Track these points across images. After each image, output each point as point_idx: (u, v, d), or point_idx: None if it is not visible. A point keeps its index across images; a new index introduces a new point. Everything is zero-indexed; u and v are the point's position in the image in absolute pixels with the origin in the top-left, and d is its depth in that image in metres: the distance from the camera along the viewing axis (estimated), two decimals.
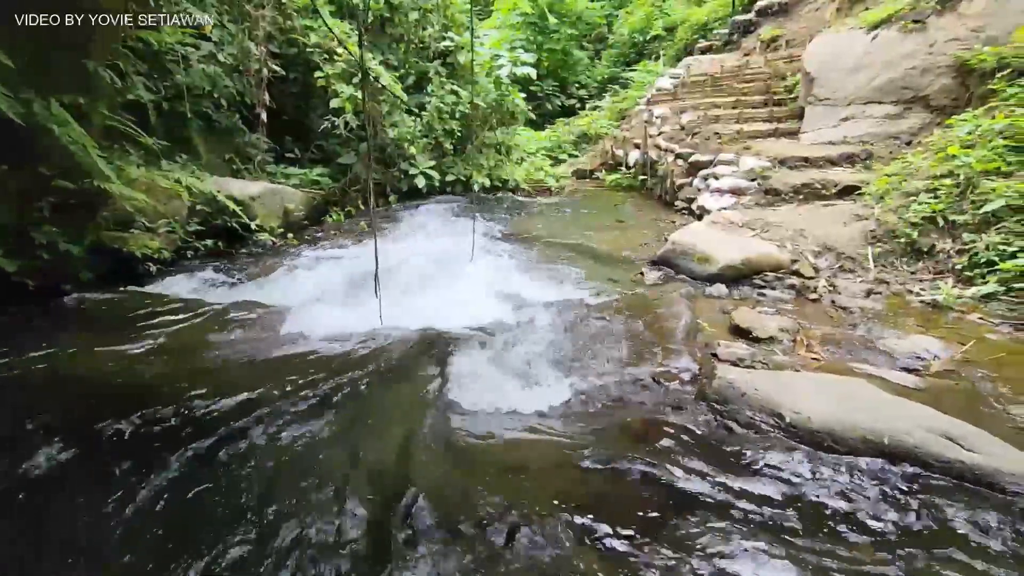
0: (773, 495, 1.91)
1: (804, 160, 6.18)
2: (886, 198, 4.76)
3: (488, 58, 8.88)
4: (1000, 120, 4.41)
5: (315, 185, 7.12)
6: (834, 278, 4.16)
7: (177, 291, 4.25)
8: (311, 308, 3.81)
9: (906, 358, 2.94)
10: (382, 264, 3.38)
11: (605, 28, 17.51)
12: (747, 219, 5.29)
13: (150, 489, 1.91)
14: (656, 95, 9.96)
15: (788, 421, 2.23)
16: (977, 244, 3.81)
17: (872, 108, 6.44)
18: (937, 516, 1.79)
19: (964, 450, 1.94)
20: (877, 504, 1.85)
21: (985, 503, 1.83)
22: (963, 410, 2.28)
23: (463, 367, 2.91)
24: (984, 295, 3.53)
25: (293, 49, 7.24)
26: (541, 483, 2.00)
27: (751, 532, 1.73)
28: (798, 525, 1.77)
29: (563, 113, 14.74)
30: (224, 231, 5.37)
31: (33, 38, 3.39)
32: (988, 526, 1.73)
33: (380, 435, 2.33)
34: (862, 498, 1.88)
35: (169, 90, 5.58)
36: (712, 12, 13.78)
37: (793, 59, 8.93)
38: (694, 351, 3.01)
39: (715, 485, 1.96)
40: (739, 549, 1.66)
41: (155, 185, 4.49)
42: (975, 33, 5.67)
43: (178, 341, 3.20)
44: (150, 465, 2.02)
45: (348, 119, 7.02)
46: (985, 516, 1.77)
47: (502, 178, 8.87)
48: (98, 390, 2.60)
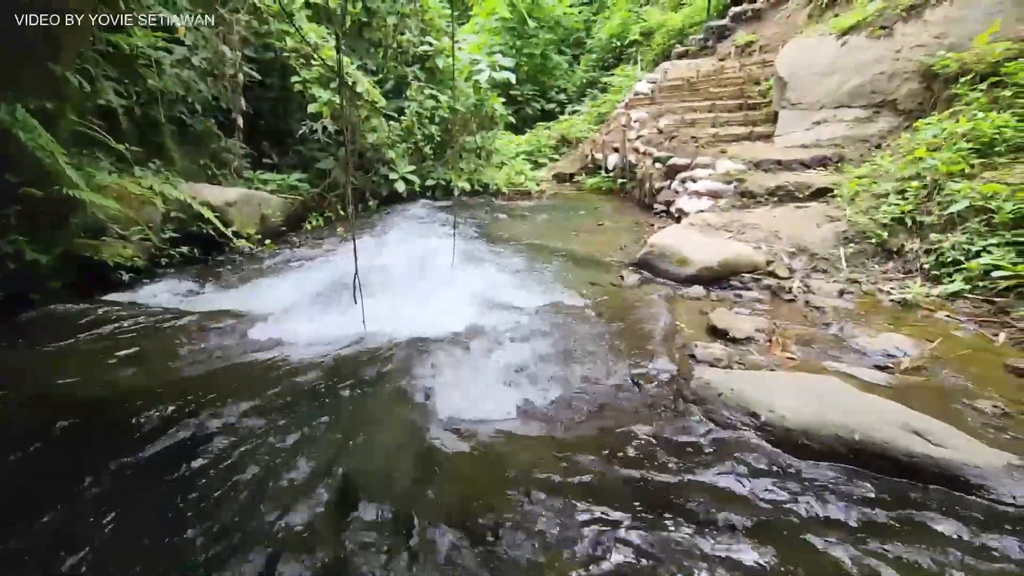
0: (747, 494, 1.94)
1: (778, 163, 6.31)
2: (857, 200, 4.88)
3: (467, 63, 8.90)
4: (963, 124, 4.56)
5: (293, 190, 7.05)
6: (808, 278, 4.25)
7: (151, 300, 4.17)
8: (289, 315, 3.77)
9: (877, 356, 3.02)
10: (362, 270, 3.36)
11: (583, 33, 17.67)
12: (724, 221, 5.38)
13: (118, 505, 1.87)
14: (634, 99, 10.09)
15: (763, 420, 2.27)
16: (943, 244, 3.93)
17: (843, 112, 6.60)
18: (904, 510, 1.83)
19: (931, 445, 2.00)
20: (847, 500, 1.89)
21: (951, 496, 1.88)
22: (931, 406, 2.35)
23: (444, 372, 2.90)
24: (951, 293, 3.64)
25: (270, 54, 7.18)
26: (521, 487, 2.00)
27: (724, 531, 1.76)
28: (769, 522, 1.80)
29: (543, 117, 14.83)
30: (200, 238, 5.28)
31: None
32: (953, 518, 1.78)
33: (359, 443, 2.31)
34: (832, 495, 1.92)
35: (141, 95, 5.48)
36: (688, 18, 14.00)
37: (767, 64, 9.12)
38: (672, 352, 3.04)
39: (691, 485, 1.98)
40: (711, 548, 1.68)
41: (127, 192, 4.40)
42: (938, 39, 5.86)
43: (151, 351, 3.13)
44: (117, 480, 1.98)
45: (326, 124, 6.97)
46: (950, 509, 1.82)
47: (482, 182, 8.89)
48: (65, 402, 2.54)
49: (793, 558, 1.65)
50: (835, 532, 1.76)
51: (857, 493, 1.92)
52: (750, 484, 1.99)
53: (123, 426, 2.30)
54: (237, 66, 6.38)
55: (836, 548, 1.68)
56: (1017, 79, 4.54)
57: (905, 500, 1.89)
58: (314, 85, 6.79)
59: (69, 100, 4.04)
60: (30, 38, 3.47)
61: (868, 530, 1.77)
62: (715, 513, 1.84)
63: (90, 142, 4.53)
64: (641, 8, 16.12)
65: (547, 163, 11.43)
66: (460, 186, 8.54)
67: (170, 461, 2.10)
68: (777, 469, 2.08)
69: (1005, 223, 3.67)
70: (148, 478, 2.02)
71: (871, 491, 1.93)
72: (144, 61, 5.44)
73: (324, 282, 4.51)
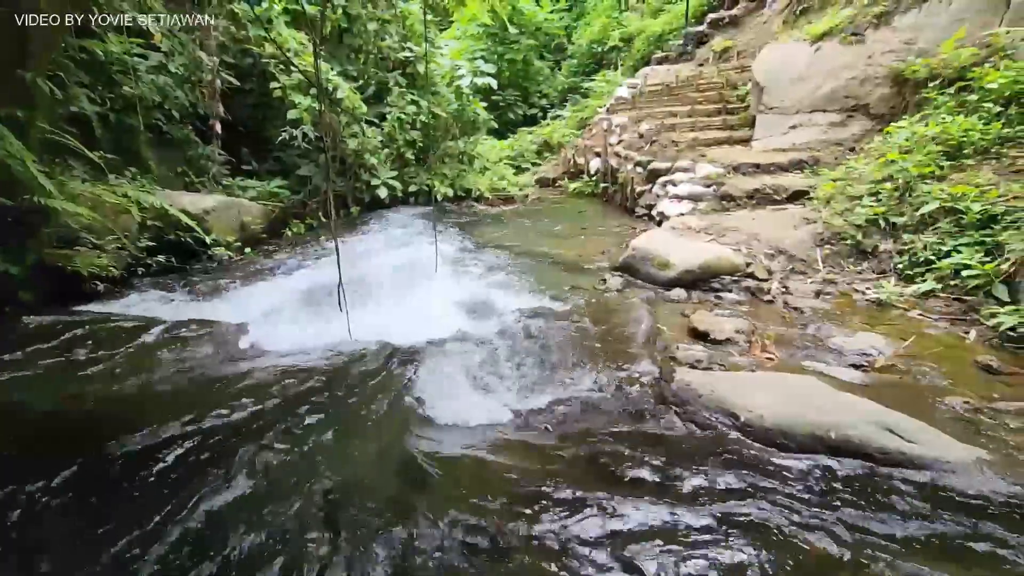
0: (727, 494, 1.97)
1: (756, 166, 6.41)
2: (832, 202, 4.98)
3: (448, 68, 8.90)
4: (933, 127, 4.69)
5: (274, 197, 6.97)
6: (786, 279, 4.32)
7: (128, 310, 4.10)
8: (270, 323, 3.73)
9: (853, 355, 3.08)
10: (345, 277, 3.33)
11: (564, 39, 17.80)
12: (704, 224, 5.44)
13: (94, 519, 1.83)
14: (615, 104, 10.18)
15: (743, 420, 2.30)
16: (916, 244, 4.03)
17: (818, 116, 6.74)
18: (878, 503, 1.88)
19: (904, 441, 2.05)
20: (822, 495, 1.93)
21: (923, 490, 1.93)
22: (904, 403, 2.40)
23: (428, 379, 2.89)
24: (923, 292, 3.73)
25: (249, 59, 7.11)
26: (503, 491, 2.00)
27: (704, 532, 1.78)
28: (747, 521, 1.82)
29: (525, 122, 14.87)
30: (177, 246, 5.20)
31: None
32: (923, 511, 1.83)
33: (343, 453, 2.29)
34: (809, 492, 1.95)
35: (116, 102, 5.39)
36: (667, 24, 14.17)
37: (744, 69, 9.27)
38: (654, 355, 3.07)
39: (672, 486, 2.01)
40: (690, 547, 1.70)
41: (101, 200, 4.32)
42: (908, 45, 6.03)
43: (128, 362, 3.07)
44: (93, 494, 1.94)
45: (306, 130, 6.92)
46: (921, 502, 1.87)
47: (465, 187, 8.89)
48: (39, 416, 2.48)
49: (772, 547, 1.68)
50: (811, 524, 1.79)
51: (833, 488, 1.96)
52: (731, 483, 2.02)
53: (86, 439, 2.24)
54: (215, 72, 6.31)
55: (813, 537, 1.72)
56: (982, 83, 4.68)
57: (878, 494, 1.93)
58: (294, 91, 6.74)
59: (40, 107, 3.96)
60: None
61: (842, 522, 1.80)
62: (696, 509, 1.86)
63: (63, 150, 4.43)
64: (621, 14, 16.29)
65: (530, 168, 11.46)
66: (443, 191, 8.53)
67: (139, 475, 2.05)
68: (756, 468, 2.10)
69: (973, 223, 3.78)
70: (113, 494, 1.97)
71: (846, 486, 1.97)
72: (119, 67, 5.36)
73: (306, 290, 4.47)
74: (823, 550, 1.68)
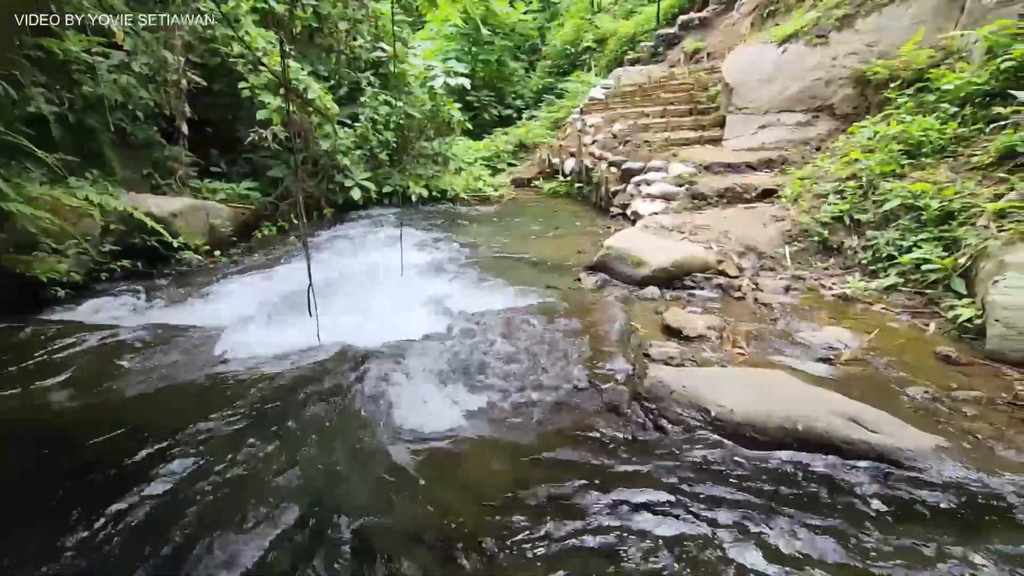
0: (698, 488, 1.99)
1: (727, 166, 6.53)
2: (799, 200, 5.10)
3: (422, 68, 8.85)
4: (894, 127, 4.84)
5: (244, 200, 6.83)
6: (757, 276, 4.41)
7: (90, 317, 3.97)
8: (240, 329, 3.65)
9: (820, 348, 3.15)
10: (317, 280, 3.28)
11: (538, 39, 17.87)
12: (676, 223, 5.52)
13: (59, 533, 1.76)
14: (589, 105, 10.27)
15: (713, 415, 2.34)
16: (879, 240, 4.15)
17: (785, 116, 6.90)
18: (841, 489, 1.93)
19: (868, 431, 2.10)
20: (789, 483, 1.97)
21: (885, 477, 1.99)
22: (868, 394, 2.47)
23: (402, 382, 2.86)
24: (887, 287, 3.84)
25: (216, 59, 6.95)
26: (475, 492, 2.00)
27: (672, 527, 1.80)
28: (716, 516, 1.85)
29: (500, 123, 14.88)
30: (143, 250, 5.06)
31: None
32: (885, 495, 1.89)
33: (316, 460, 2.25)
34: (777, 484, 1.99)
35: (76, 102, 5.22)
36: (639, 25, 14.36)
37: (714, 70, 9.44)
38: (628, 353, 3.09)
39: (645, 483, 2.02)
40: (664, 541, 1.72)
41: (61, 204, 4.18)
42: (870, 47, 6.21)
43: (90, 371, 2.97)
44: (54, 508, 1.87)
45: (276, 131, 6.80)
46: (882, 488, 1.92)
47: (440, 188, 8.85)
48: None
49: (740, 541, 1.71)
50: (778, 516, 1.83)
51: (799, 477, 2.01)
52: (700, 477, 2.05)
53: (54, 454, 2.17)
54: (181, 71, 6.15)
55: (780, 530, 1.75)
56: (939, 84, 4.84)
57: (842, 481, 1.98)
58: (263, 91, 6.61)
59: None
60: None
61: (809, 507, 1.86)
62: (665, 505, 1.88)
63: (19, 152, 4.27)
64: (594, 15, 16.43)
65: (505, 168, 11.47)
66: (418, 192, 8.48)
67: (103, 488, 1.99)
68: (727, 460, 2.14)
69: (932, 219, 3.91)
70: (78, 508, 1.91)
71: (812, 475, 2.02)
72: (79, 67, 5.18)
73: (276, 293, 4.39)
74: (789, 542, 1.72)
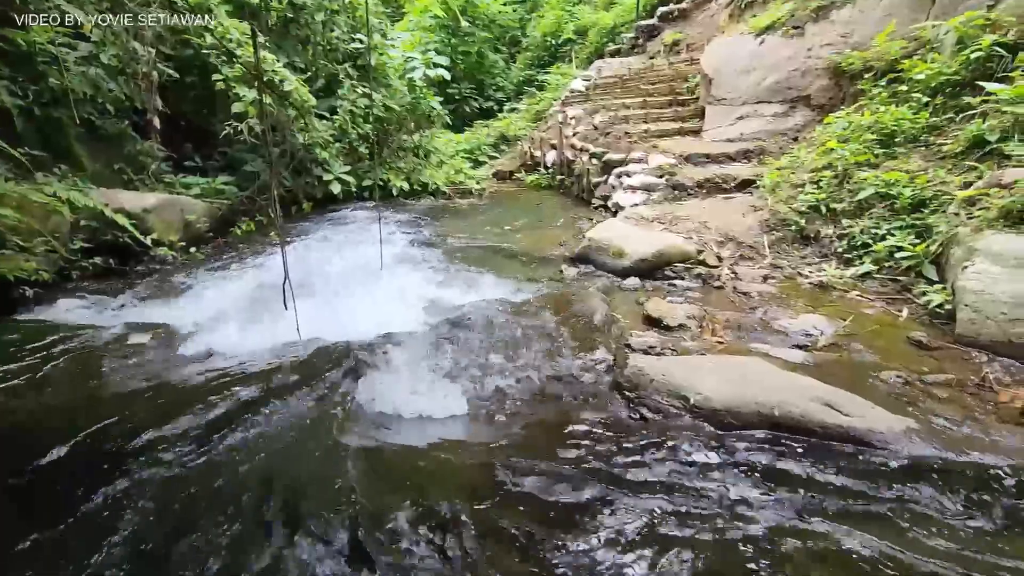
0: (677, 475, 2.02)
1: (706, 156, 6.58)
2: (777, 190, 5.16)
3: (401, 60, 8.75)
4: (868, 117, 4.92)
5: (220, 195, 6.70)
6: (736, 266, 4.46)
7: (60, 317, 3.86)
8: (218, 326, 3.59)
9: (797, 336, 3.21)
10: (296, 274, 3.23)
11: (519, 31, 17.76)
12: (657, 214, 5.56)
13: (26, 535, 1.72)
14: (570, 97, 10.24)
15: (692, 403, 2.36)
16: (854, 229, 4.22)
17: (763, 107, 6.97)
18: (816, 471, 1.97)
19: (842, 415, 2.15)
20: (768, 471, 2.01)
21: (858, 459, 2.03)
22: (843, 379, 2.52)
23: (379, 374, 2.85)
24: (862, 274, 3.91)
25: (189, 50, 6.78)
26: (457, 484, 2.00)
27: (655, 513, 1.82)
28: (696, 502, 1.88)
29: (482, 115, 14.80)
30: (116, 248, 4.93)
31: None
32: (856, 475, 1.94)
33: (295, 453, 2.23)
34: (753, 468, 2.03)
35: (43, 94, 5.05)
36: (619, 17, 14.34)
37: (693, 62, 9.49)
38: (609, 343, 3.11)
39: (624, 470, 2.04)
40: (642, 529, 1.74)
41: (27, 200, 4.05)
42: (844, 39, 6.29)
43: (61, 372, 2.90)
44: (28, 512, 1.82)
45: (252, 124, 6.67)
46: (855, 468, 1.97)
47: (421, 182, 8.78)
48: None
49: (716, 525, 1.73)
50: (753, 499, 1.87)
51: (776, 460, 2.04)
52: (679, 463, 2.07)
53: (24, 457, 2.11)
54: (151, 64, 5.99)
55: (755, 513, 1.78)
56: (911, 75, 4.93)
57: (817, 463, 2.02)
58: (237, 83, 6.48)
59: None
60: None
61: (784, 487, 1.90)
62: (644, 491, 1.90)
63: None
64: (574, 7, 16.38)
65: (487, 161, 11.43)
66: (398, 186, 8.40)
67: (75, 489, 1.94)
68: (706, 446, 2.17)
69: (905, 208, 3.99)
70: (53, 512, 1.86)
71: (789, 458, 2.06)
72: (44, 58, 5.01)
73: (254, 289, 4.33)
74: (766, 523, 1.75)
